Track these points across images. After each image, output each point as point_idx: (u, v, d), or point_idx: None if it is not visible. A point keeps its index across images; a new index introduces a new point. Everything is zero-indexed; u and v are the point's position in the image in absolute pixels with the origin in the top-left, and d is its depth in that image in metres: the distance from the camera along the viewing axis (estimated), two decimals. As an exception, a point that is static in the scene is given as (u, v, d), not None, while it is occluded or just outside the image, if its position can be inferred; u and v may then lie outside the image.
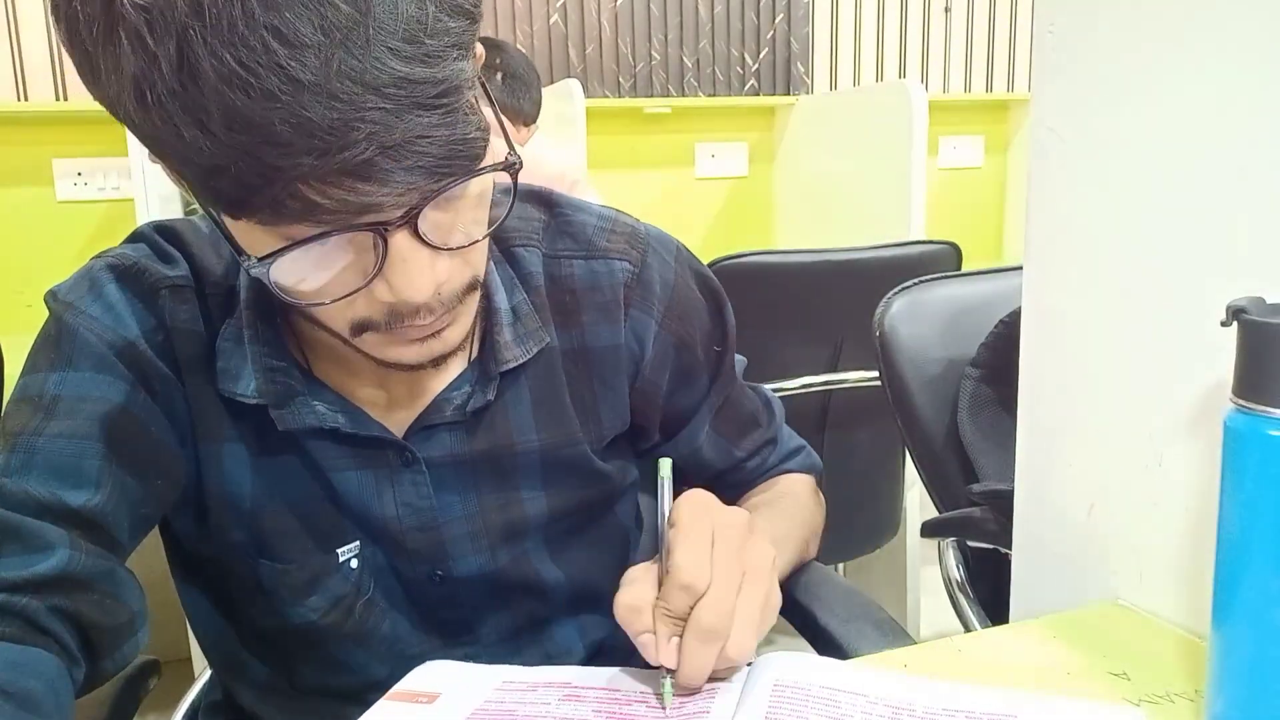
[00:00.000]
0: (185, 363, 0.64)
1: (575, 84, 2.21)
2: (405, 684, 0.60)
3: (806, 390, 1.73)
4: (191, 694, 0.88)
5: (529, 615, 0.75)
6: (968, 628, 0.94)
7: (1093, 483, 0.67)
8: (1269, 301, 0.47)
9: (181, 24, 0.41)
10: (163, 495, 0.64)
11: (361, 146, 0.44)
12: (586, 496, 0.75)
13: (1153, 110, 0.59)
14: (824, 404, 1.79)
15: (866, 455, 1.88)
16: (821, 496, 0.87)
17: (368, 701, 0.68)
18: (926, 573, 2.13)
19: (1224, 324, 0.46)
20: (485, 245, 0.59)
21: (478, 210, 0.55)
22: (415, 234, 0.50)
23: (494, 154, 0.52)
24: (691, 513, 0.57)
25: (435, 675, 0.62)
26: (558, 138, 2.19)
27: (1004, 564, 0.77)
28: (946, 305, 1.02)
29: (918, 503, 2.05)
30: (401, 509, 0.68)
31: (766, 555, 0.57)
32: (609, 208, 0.76)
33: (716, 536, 0.55)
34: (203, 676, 0.88)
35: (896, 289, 1.02)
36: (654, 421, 0.78)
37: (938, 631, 2.09)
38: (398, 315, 0.54)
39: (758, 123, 2.83)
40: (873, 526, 1.96)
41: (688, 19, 2.67)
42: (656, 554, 0.58)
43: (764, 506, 0.81)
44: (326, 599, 0.68)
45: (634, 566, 0.58)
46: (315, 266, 0.51)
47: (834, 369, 1.76)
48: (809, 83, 2.83)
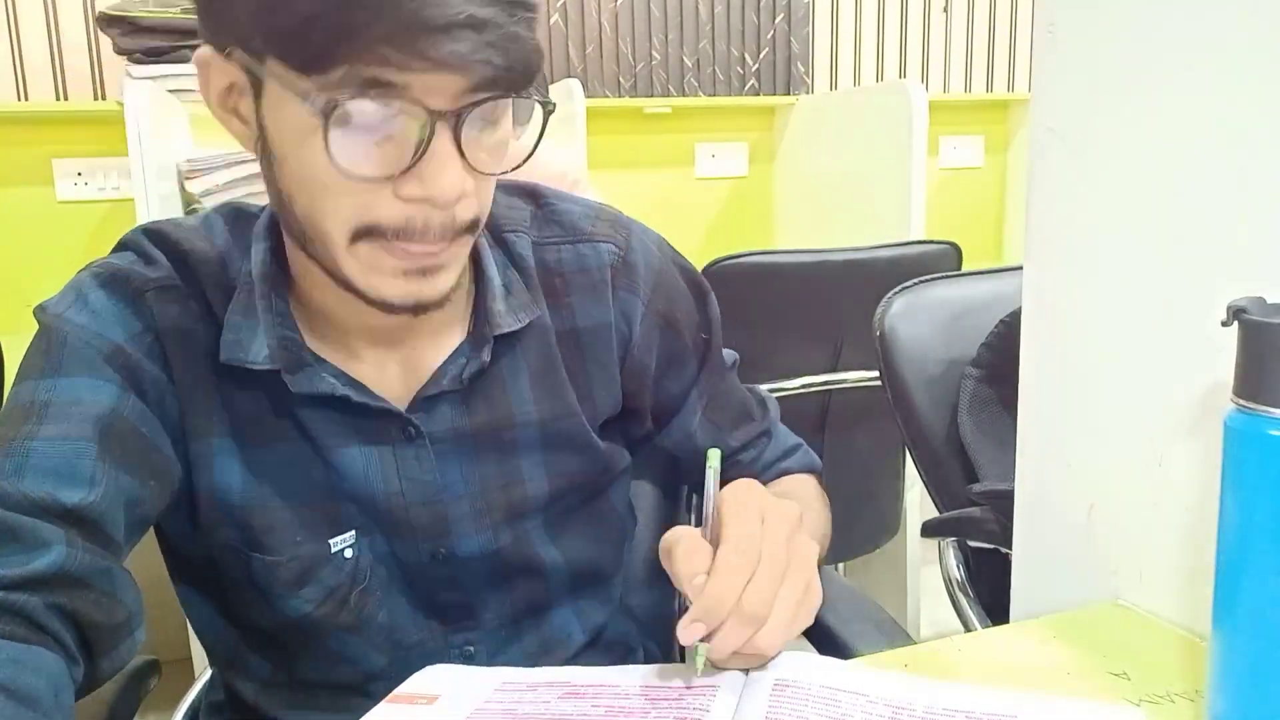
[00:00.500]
0: (175, 360, 0.65)
1: (575, 84, 2.21)
2: (405, 687, 0.60)
3: (806, 390, 1.73)
4: (191, 694, 0.88)
5: (529, 599, 0.76)
6: (968, 628, 0.94)
7: (1093, 483, 0.67)
8: (1269, 301, 0.47)
9: None
10: (156, 496, 0.64)
11: (456, 14, 0.50)
12: (584, 474, 0.76)
13: (1153, 110, 0.60)
14: (824, 404, 1.79)
15: (866, 455, 1.88)
16: (826, 498, 0.88)
17: (369, 692, 0.68)
18: (926, 573, 2.13)
19: (1224, 324, 0.46)
20: (492, 189, 0.63)
21: (502, 146, 0.60)
22: (456, 138, 0.55)
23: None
24: (742, 499, 0.58)
25: (435, 678, 0.62)
26: (558, 138, 2.19)
27: (1004, 564, 0.77)
28: (946, 305, 1.02)
29: (918, 503, 2.05)
30: (405, 484, 0.69)
31: (812, 549, 0.59)
32: (593, 200, 0.79)
33: (767, 525, 0.57)
34: (203, 676, 0.88)
35: (896, 289, 1.02)
36: (645, 405, 0.80)
37: (938, 631, 2.09)
38: (407, 226, 0.57)
39: (758, 123, 2.82)
40: (873, 526, 1.96)
41: (688, 19, 2.67)
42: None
43: None
44: (320, 590, 0.69)
45: (676, 528, 0.59)
46: (353, 140, 0.54)
47: (834, 369, 1.76)
48: (809, 83, 2.83)
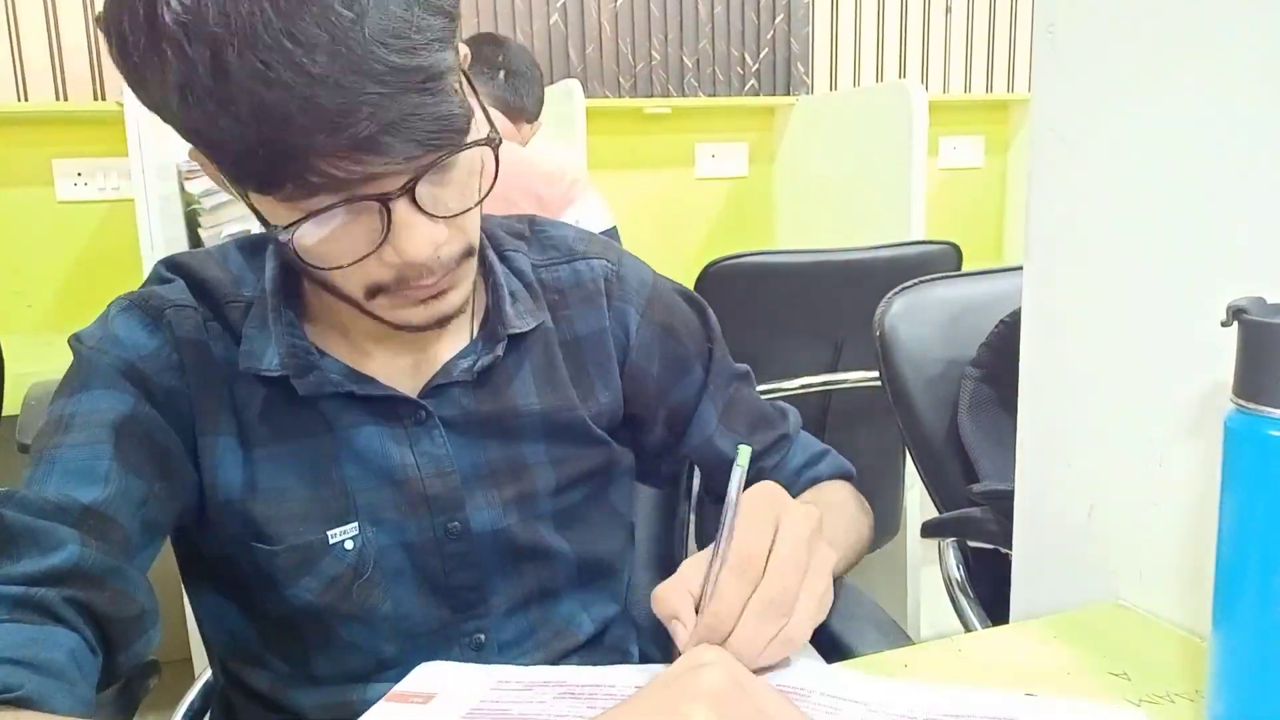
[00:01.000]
0: (191, 368, 0.70)
1: (575, 84, 2.21)
2: (403, 685, 0.60)
3: (806, 390, 1.73)
4: (191, 694, 0.88)
5: (538, 584, 0.78)
6: (968, 628, 0.94)
7: (1093, 483, 0.67)
8: (1269, 301, 0.47)
9: (213, 34, 0.50)
10: (165, 498, 0.67)
11: (365, 125, 0.53)
12: (588, 465, 0.79)
13: (1153, 110, 0.60)
14: (824, 404, 1.79)
15: (866, 455, 1.87)
16: (866, 504, 0.88)
17: (381, 680, 0.71)
18: (926, 573, 2.13)
19: (1224, 324, 0.46)
20: (478, 216, 0.67)
21: (467, 183, 0.63)
22: (414, 202, 0.59)
23: (478, 133, 0.61)
24: (760, 500, 0.59)
25: (432, 676, 0.62)
26: (558, 138, 2.19)
27: (1004, 564, 0.77)
28: (946, 305, 1.02)
29: (918, 503, 2.05)
30: (420, 457, 0.72)
31: (829, 557, 0.60)
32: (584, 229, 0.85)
33: (783, 526, 0.58)
34: (203, 676, 0.88)
35: (896, 289, 1.02)
36: (651, 412, 0.82)
37: (938, 631, 2.09)
38: (404, 279, 0.62)
39: (758, 123, 2.82)
40: (873, 527, 1.96)
41: (688, 19, 2.67)
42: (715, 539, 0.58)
43: None
44: (319, 580, 0.71)
45: (691, 557, 0.60)
46: (332, 235, 0.60)
47: (834, 369, 1.76)
48: (809, 83, 2.83)
